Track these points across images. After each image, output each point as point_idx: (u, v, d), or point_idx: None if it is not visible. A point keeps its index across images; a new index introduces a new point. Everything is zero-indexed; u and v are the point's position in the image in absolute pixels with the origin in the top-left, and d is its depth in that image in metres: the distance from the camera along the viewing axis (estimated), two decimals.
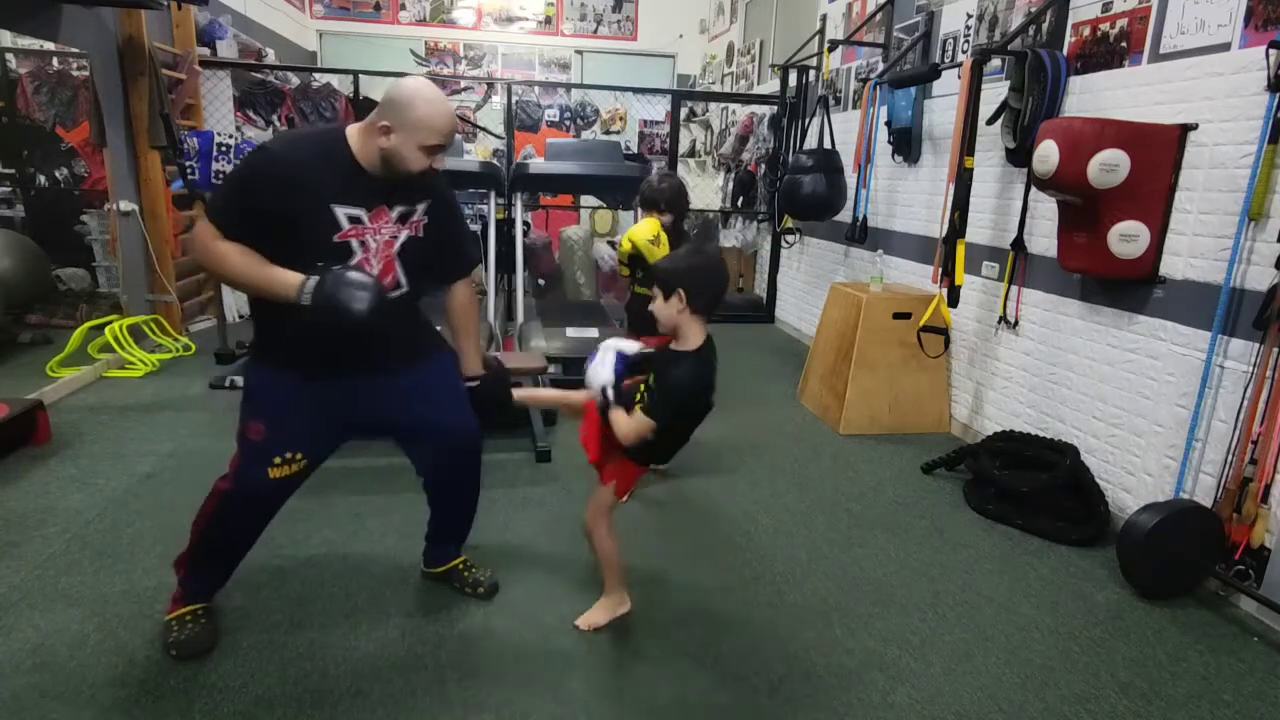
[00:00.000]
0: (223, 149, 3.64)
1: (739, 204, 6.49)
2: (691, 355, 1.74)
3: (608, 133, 8.00)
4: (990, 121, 3.10)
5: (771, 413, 3.86)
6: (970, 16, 3.55)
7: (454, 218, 1.93)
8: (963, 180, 3.03)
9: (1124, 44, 2.66)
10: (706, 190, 7.51)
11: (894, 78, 3.86)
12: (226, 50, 5.46)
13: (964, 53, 3.59)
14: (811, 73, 5.38)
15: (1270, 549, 2.14)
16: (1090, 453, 2.77)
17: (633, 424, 1.71)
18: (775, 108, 5.69)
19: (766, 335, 5.78)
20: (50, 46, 4.11)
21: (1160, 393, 2.51)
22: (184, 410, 3.47)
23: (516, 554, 2.34)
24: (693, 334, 1.75)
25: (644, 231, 2.82)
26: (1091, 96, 2.80)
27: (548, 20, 8.52)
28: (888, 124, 4.12)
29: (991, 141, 3.20)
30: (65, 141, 4.46)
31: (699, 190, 7.34)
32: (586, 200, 6.73)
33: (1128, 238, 2.46)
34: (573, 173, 4.42)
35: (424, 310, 1.93)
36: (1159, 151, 2.41)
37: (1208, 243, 2.34)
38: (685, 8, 8.52)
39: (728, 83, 7.79)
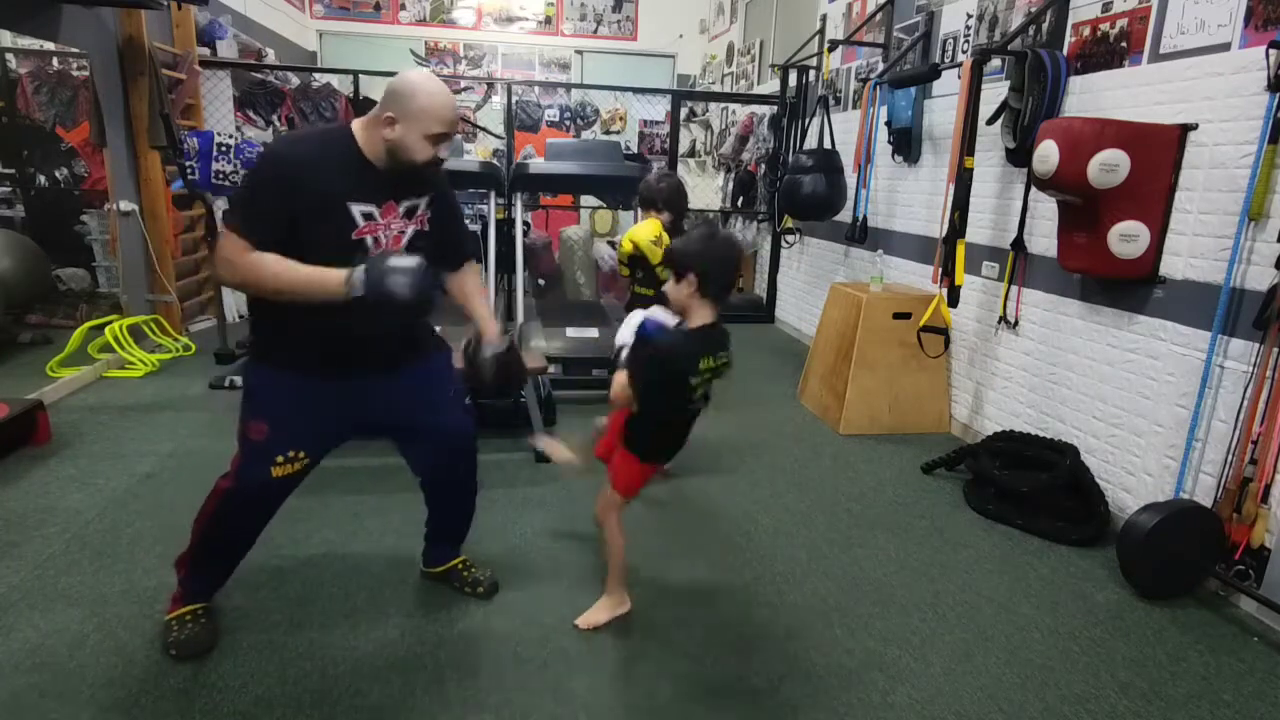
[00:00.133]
0: (223, 149, 3.63)
1: (739, 204, 6.49)
2: (684, 330, 1.77)
3: (608, 133, 8.00)
4: (990, 121, 3.10)
5: (771, 413, 3.86)
6: (970, 16, 3.55)
7: (454, 214, 1.95)
8: (963, 180, 3.04)
9: (1124, 44, 2.66)
10: (706, 190, 7.51)
11: (894, 78, 3.86)
12: (226, 50, 5.46)
13: (964, 53, 3.59)
14: (811, 73, 5.38)
15: (1270, 549, 2.14)
16: (1090, 453, 2.77)
17: (619, 381, 1.76)
18: (775, 108, 5.69)
19: (766, 335, 5.78)
20: (50, 46, 4.11)
21: (1160, 393, 2.51)
22: (184, 410, 3.47)
23: (516, 554, 2.34)
24: (698, 316, 1.77)
25: (646, 232, 2.82)
26: (1091, 96, 2.80)
27: (548, 20, 8.52)
28: (888, 124, 4.12)
29: (991, 141, 3.20)
30: (65, 141, 4.46)
31: (699, 190, 7.35)
32: (586, 200, 6.73)
33: (1128, 238, 2.46)
34: (573, 173, 4.42)
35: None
36: (1159, 151, 2.41)
37: (1208, 243, 2.34)
38: (685, 8, 8.52)
39: (728, 83, 7.79)
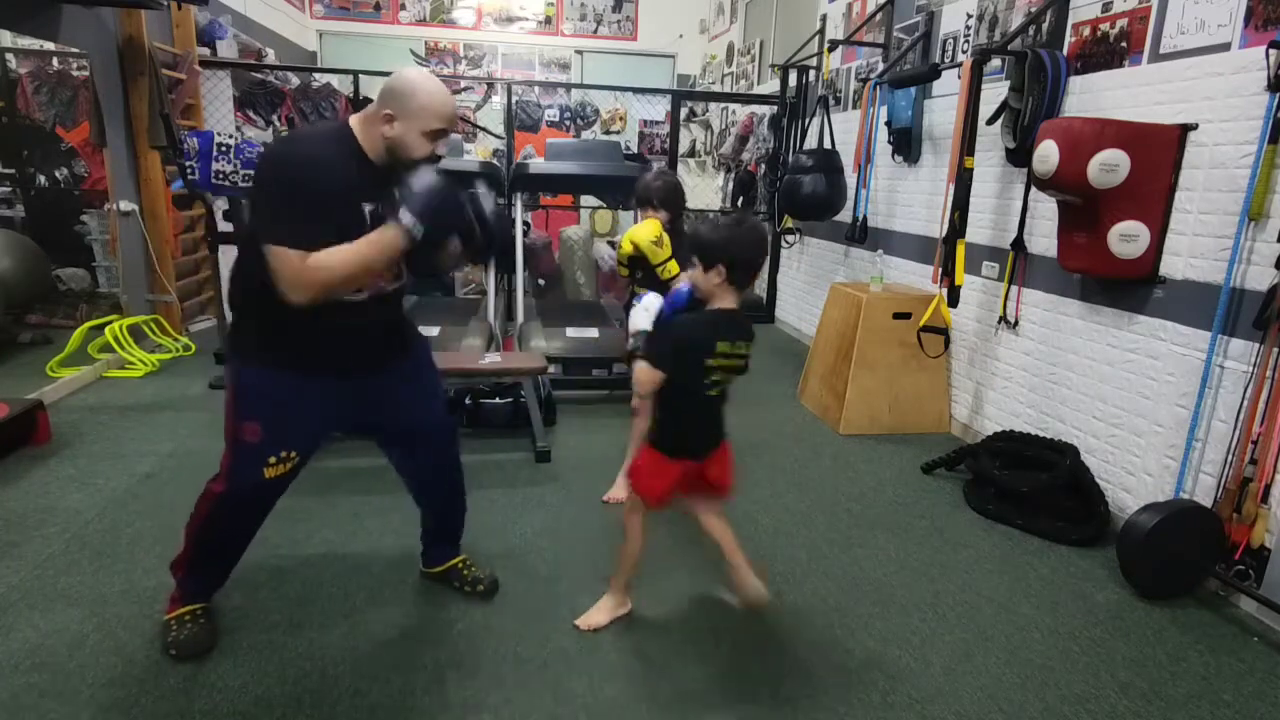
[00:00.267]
0: (223, 149, 3.62)
1: (739, 204, 6.49)
2: (704, 311, 1.81)
3: (608, 133, 8.00)
4: (990, 121, 3.10)
5: (771, 413, 3.86)
6: (970, 16, 3.55)
7: None
8: (963, 180, 3.03)
9: (1124, 44, 2.66)
10: (706, 190, 7.51)
11: (894, 78, 3.86)
12: (226, 50, 5.46)
13: (964, 53, 3.59)
14: (811, 73, 5.38)
15: (1270, 549, 2.14)
16: (1090, 453, 2.77)
17: (646, 369, 1.77)
18: (775, 108, 5.68)
19: (766, 335, 5.78)
20: (50, 46, 4.11)
21: (1160, 393, 2.51)
22: (184, 410, 3.47)
23: (516, 554, 2.34)
24: (722, 300, 1.80)
25: (646, 232, 2.81)
26: (1091, 96, 2.80)
27: (548, 20, 8.52)
28: (888, 124, 4.12)
29: (991, 141, 3.20)
30: (65, 141, 4.46)
31: (699, 190, 7.36)
32: (586, 200, 6.73)
33: (1128, 238, 2.46)
34: (573, 173, 4.42)
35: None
36: (1159, 151, 2.41)
37: (1208, 243, 2.34)
38: (685, 8, 8.52)
39: (728, 83, 7.79)
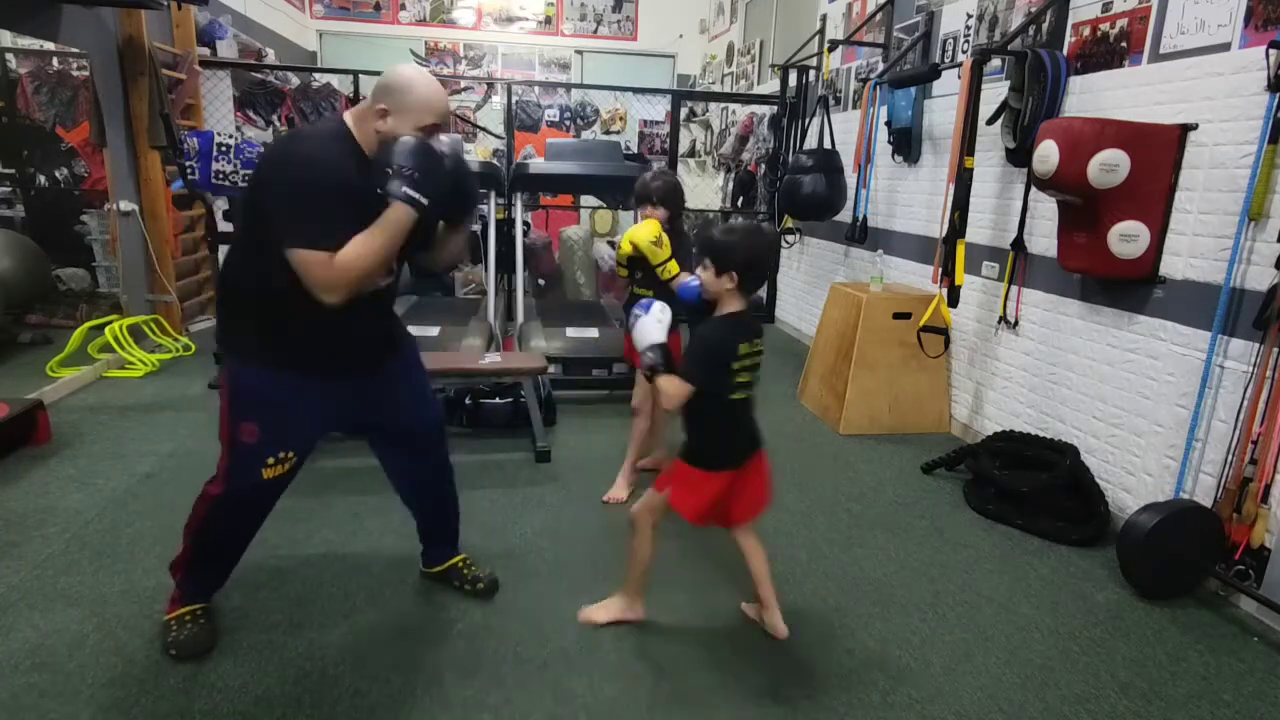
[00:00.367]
0: (223, 149, 3.62)
1: (739, 204, 6.48)
2: (720, 318, 1.83)
3: (608, 133, 8.00)
4: (990, 121, 3.10)
5: (771, 413, 3.85)
6: (970, 16, 3.55)
7: None
8: (963, 180, 3.04)
9: (1124, 44, 2.66)
10: (706, 190, 7.51)
11: (894, 78, 3.86)
12: (226, 50, 5.46)
13: (964, 53, 3.59)
14: (811, 73, 5.37)
15: (1270, 549, 2.14)
16: (1090, 453, 2.77)
17: (675, 384, 1.77)
18: (775, 108, 5.68)
19: (766, 335, 5.72)
20: (50, 46, 4.11)
21: (1160, 393, 2.51)
22: (184, 410, 3.47)
23: (516, 554, 2.34)
24: (731, 305, 1.83)
25: (645, 233, 2.80)
26: (1091, 96, 2.80)
27: (548, 20, 8.52)
28: (888, 124, 4.12)
29: (991, 141, 3.20)
30: (65, 141, 4.46)
31: (699, 190, 7.35)
32: (586, 200, 6.72)
33: (1128, 238, 2.46)
34: (573, 173, 4.42)
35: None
36: (1159, 151, 2.41)
37: (1208, 243, 2.34)
38: (685, 8, 8.52)
39: (728, 83, 7.79)
